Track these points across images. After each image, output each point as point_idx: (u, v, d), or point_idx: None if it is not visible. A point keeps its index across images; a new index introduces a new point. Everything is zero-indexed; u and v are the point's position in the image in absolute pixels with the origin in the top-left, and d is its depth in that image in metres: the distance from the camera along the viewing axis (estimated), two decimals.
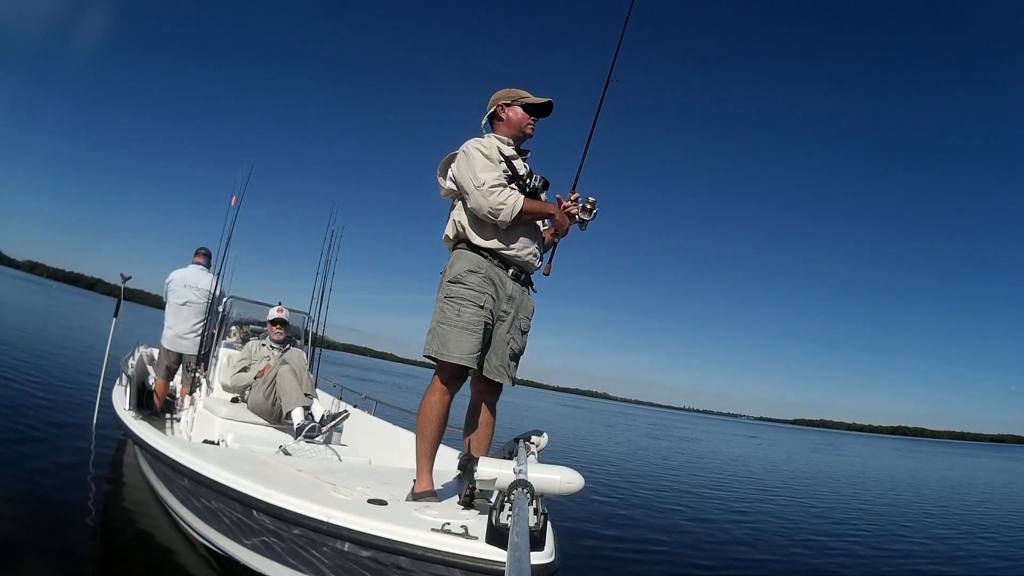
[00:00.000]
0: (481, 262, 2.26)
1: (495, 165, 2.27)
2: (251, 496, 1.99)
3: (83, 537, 3.12)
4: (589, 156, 2.63)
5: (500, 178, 2.24)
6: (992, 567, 5.76)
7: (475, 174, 2.23)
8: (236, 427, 4.00)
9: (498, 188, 2.21)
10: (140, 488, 3.77)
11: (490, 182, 2.21)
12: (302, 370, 4.29)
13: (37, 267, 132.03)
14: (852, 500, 9.80)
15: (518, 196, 2.23)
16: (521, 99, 2.42)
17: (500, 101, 2.43)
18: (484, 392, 2.38)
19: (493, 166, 2.26)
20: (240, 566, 2.26)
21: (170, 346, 5.26)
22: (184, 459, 2.47)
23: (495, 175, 2.23)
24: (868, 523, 7.36)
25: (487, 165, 2.25)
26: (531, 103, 2.42)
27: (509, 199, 2.21)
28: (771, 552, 5.25)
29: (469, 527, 1.64)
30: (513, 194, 2.23)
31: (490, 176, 2.22)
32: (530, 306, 2.41)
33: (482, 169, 2.24)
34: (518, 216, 2.23)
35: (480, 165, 2.25)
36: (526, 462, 1.67)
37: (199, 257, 5.49)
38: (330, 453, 3.55)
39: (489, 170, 2.24)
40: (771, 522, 6.66)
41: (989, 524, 8.49)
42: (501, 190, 2.22)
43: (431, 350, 2.20)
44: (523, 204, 2.23)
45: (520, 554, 0.97)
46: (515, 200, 2.22)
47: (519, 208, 2.22)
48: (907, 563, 5.45)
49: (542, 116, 2.47)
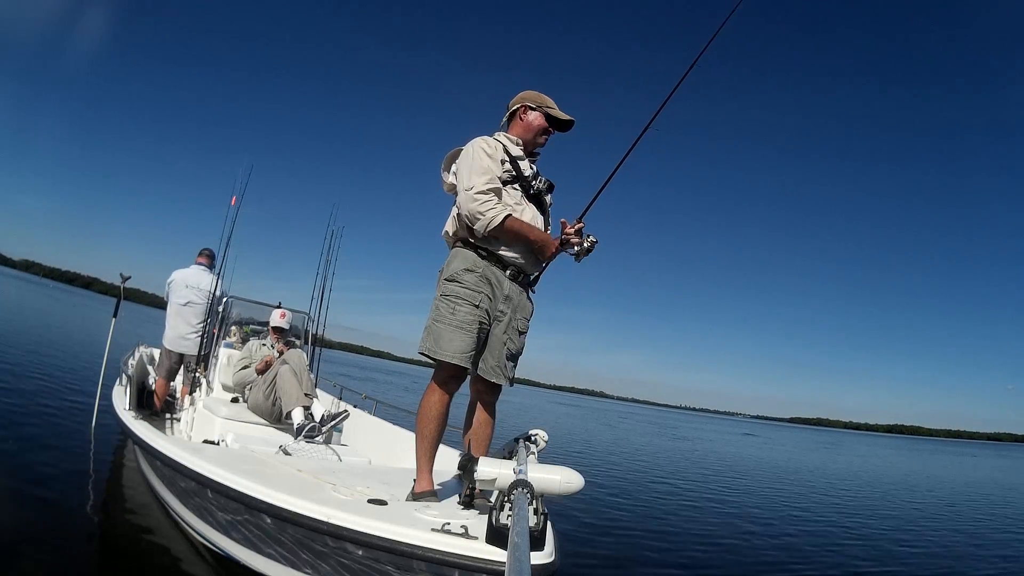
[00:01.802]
0: (478, 261, 2.25)
1: (495, 167, 2.24)
2: (251, 496, 1.99)
3: (83, 537, 3.12)
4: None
5: (491, 183, 2.20)
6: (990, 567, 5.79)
7: (468, 175, 2.22)
8: (236, 427, 4.01)
9: (483, 196, 2.18)
10: (140, 488, 3.77)
11: (478, 187, 2.18)
12: (302, 370, 4.30)
13: (33, 266, 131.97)
14: (853, 500, 9.82)
15: (500, 211, 2.17)
16: (546, 107, 2.41)
17: (526, 102, 2.42)
18: (483, 392, 2.37)
19: (488, 169, 2.22)
20: (240, 566, 2.26)
21: (172, 346, 5.26)
22: (184, 459, 2.47)
23: (486, 179, 2.20)
24: (869, 523, 7.38)
25: (484, 168, 2.22)
26: (554, 115, 2.41)
27: (489, 212, 2.17)
28: (772, 551, 5.26)
29: (469, 527, 1.65)
30: (495, 208, 2.17)
31: (480, 181, 2.19)
32: (528, 307, 2.39)
33: (476, 172, 2.21)
34: (498, 229, 2.18)
35: (477, 167, 2.22)
36: (526, 462, 1.67)
37: (202, 258, 5.49)
38: (330, 453, 3.55)
39: (482, 173, 2.21)
40: (771, 522, 6.68)
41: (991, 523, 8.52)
42: (485, 199, 2.17)
43: (425, 347, 2.20)
44: (506, 220, 2.18)
45: (520, 554, 0.97)
46: (494, 214, 2.17)
47: (497, 222, 2.17)
48: (907, 563, 5.47)
49: (562, 132, 2.47)
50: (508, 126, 2.47)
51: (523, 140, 2.41)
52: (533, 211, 2.38)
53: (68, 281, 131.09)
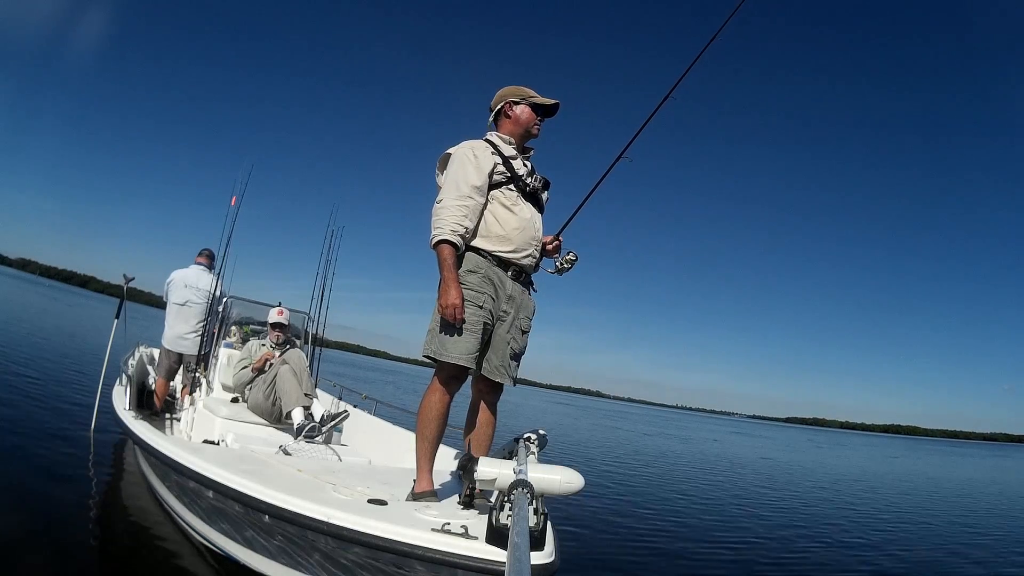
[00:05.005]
0: (480, 262, 2.26)
1: (477, 178, 2.23)
2: (251, 496, 2.00)
3: (83, 537, 3.12)
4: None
5: (462, 199, 2.20)
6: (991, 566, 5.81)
7: (445, 186, 2.25)
8: (236, 427, 4.01)
9: (445, 211, 2.18)
10: (140, 488, 3.78)
11: (447, 199, 2.20)
12: (302, 370, 4.31)
13: (29, 264, 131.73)
14: (853, 500, 9.84)
15: (443, 236, 2.17)
16: (529, 98, 2.42)
17: (508, 98, 2.42)
18: (485, 392, 2.38)
19: (463, 182, 2.22)
20: (240, 566, 2.27)
21: (171, 346, 5.26)
22: (184, 459, 2.47)
23: (455, 195, 2.20)
24: (873, 523, 7.40)
25: (462, 179, 2.22)
26: (539, 103, 2.42)
27: (439, 232, 2.17)
28: (771, 551, 5.27)
29: (469, 527, 1.65)
30: (443, 230, 2.17)
31: (449, 195, 2.20)
32: (531, 306, 2.40)
33: (453, 183, 2.22)
34: (437, 248, 2.19)
35: (455, 177, 2.23)
36: (526, 462, 1.67)
37: (201, 258, 5.49)
38: (330, 453, 3.56)
39: (455, 188, 2.20)
40: (771, 521, 6.69)
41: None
42: (446, 215, 2.18)
43: (430, 350, 2.20)
44: (443, 250, 2.17)
45: (520, 554, 0.98)
46: (438, 236, 2.17)
47: (436, 246, 2.18)
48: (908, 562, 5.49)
49: (548, 117, 2.47)
50: (497, 126, 2.47)
51: (515, 137, 2.42)
52: (530, 210, 2.39)
53: (64, 280, 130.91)
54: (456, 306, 2.13)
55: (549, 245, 2.55)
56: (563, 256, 2.61)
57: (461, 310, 2.14)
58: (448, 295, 2.13)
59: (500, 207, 2.30)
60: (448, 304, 2.13)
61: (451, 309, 2.12)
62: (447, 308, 2.13)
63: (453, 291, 2.14)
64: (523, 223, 2.33)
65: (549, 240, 2.56)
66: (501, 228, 2.29)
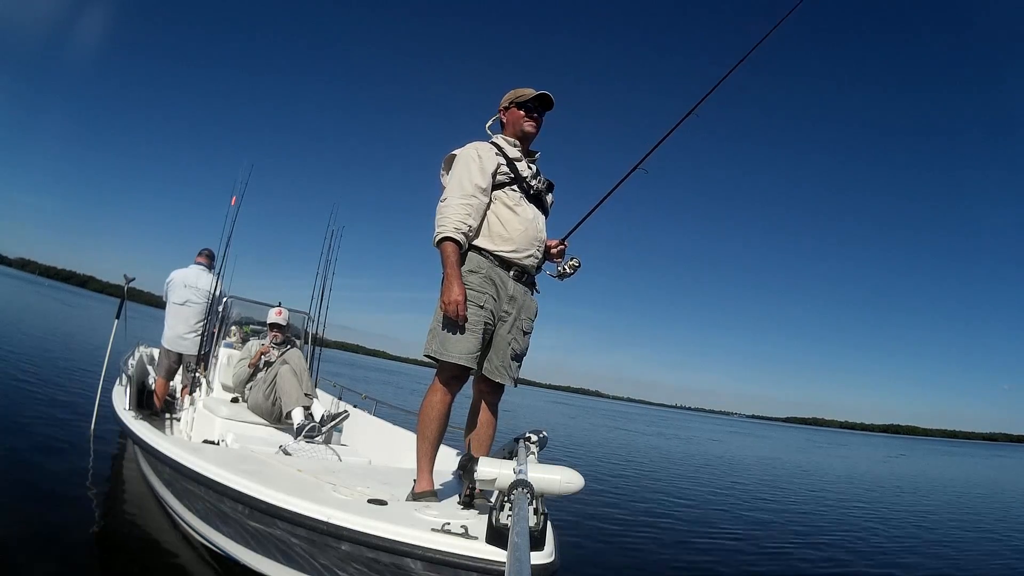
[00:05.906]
0: (482, 262, 2.26)
1: (481, 179, 2.25)
2: (251, 496, 2.00)
3: (83, 537, 3.12)
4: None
5: (466, 198, 2.22)
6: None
7: (449, 185, 2.26)
8: (236, 427, 4.01)
9: (449, 209, 2.20)
10: (140, 488, 3.78)
11: (451, 198, 2.22)
12: (302, 370, 4.31)
13: (29, 264, 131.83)
14: (853, 500, 9.85)
15: (447, 233, 2.18)
16: (517, 98, 2.43)
17: (501, 106, 2.47)
18: (486, 392, 2.38)
19: (467, 181, 2.23)
20: (240, 566, 2.27)
21: (170, 346, 5.26)
22: (184, 459, 2.47)
23: (459, 194, 2.22)
24: (874, 523, 7.41)
25: (466, 179, 2.24)
26: (525, 100, 2.42)
27: (443, 229, 2.19)
28: (772, 550, 5.27)
29: (469, 527, 1.65)
30: (447, 228, 2.19)
31: (454, 194, 2.22)
32: (533, 307, 2.41)
33: (458, 182, 2.24)
34: (441, 245, 2.21)
35: (460, 177, 2.25)
36: (526, 462, 1.67)
37: (201, 258, 5.49)
38: (330, 453, 3.56)
39: (459, 187, 2.22)
40: (771, 520, 6.70)
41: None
42: (449, 213, 2.19)
43: (431, 350, 2.21)
44: (446, 247, 2.19)
45: (520, 554, 0.98)
46: (442, 233, 2.19)
47: (440, 243, 2.20)
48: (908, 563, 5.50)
49: (546, 110, 2.46)
50: (501, 129, 2.51)
51: (516, 138, 2.44)
52: (534, 211, 2.40)
53: (64, 279, 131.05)
54: (459, 303, 2.14)
55: (553, 249, 2.56)
56: (566, 261, 2.61)
57: (464, 307, 2.15)
58: (451, 292, 2.14)
59: (503, 207, 2.31)
60: (451, 301, 2.14)
61: (454, 306, 2.14)
62: (450, 305, 2.14)
63: (456, 288, 2.15)
64: (526, 224, 2.33)
65: (554, 244, 2.57)
66: (503, 228, 2.29)
